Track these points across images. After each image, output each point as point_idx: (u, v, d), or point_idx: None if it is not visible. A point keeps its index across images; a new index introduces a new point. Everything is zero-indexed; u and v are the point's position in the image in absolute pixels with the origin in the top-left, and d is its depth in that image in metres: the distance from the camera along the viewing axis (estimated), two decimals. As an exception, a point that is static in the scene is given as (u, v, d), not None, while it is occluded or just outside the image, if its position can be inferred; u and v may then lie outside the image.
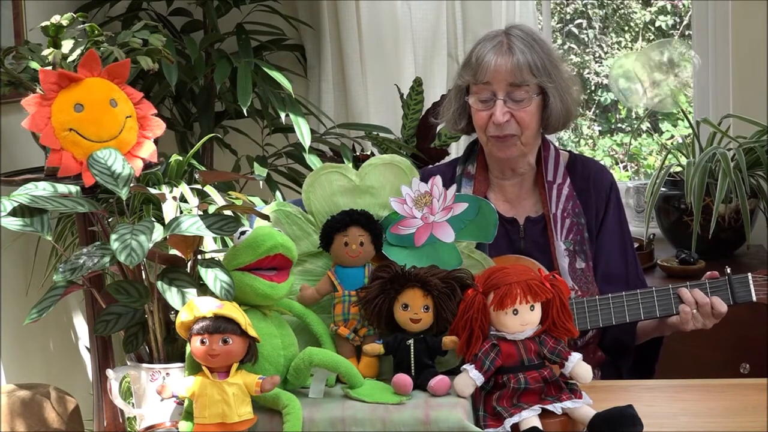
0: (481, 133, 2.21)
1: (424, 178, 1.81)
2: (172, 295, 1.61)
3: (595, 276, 2.21)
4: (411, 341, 1.66)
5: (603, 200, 2.26)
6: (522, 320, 1.62)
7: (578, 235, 2.21)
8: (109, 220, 1.97)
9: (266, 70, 2.87)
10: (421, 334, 1.67)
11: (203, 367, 1.54)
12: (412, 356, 1.65)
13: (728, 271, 2.06)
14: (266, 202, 2.52)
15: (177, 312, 1.58)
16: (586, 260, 2.20)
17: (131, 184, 1.71)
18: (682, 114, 3.72)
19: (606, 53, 5.18)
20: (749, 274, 2.04)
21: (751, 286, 2.03)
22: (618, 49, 5.18)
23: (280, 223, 1.82)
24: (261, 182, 2.84)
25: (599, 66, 5.19)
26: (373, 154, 3.08)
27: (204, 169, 2.87)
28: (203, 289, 1.62)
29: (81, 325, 3.05)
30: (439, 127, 3.12)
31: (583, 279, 2.18)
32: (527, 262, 2.07)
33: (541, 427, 1.57)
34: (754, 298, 2.03)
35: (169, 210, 2.37)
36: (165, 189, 2.46)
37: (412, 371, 1.64)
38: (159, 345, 1.71)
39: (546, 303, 1.63)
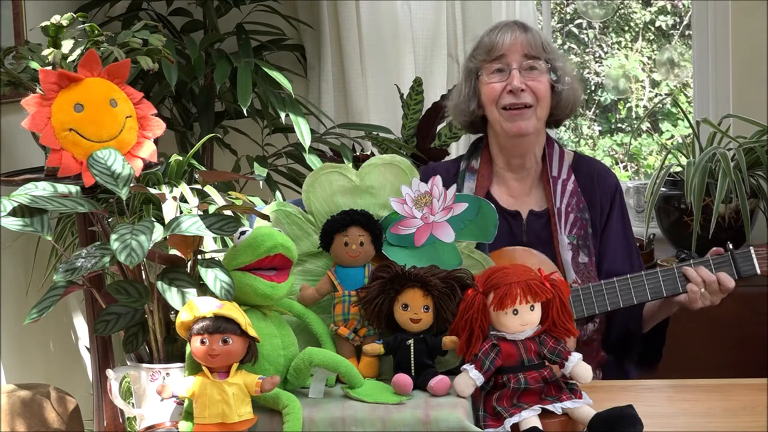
0: (492, 107, 2.20)
1: (428, 175, 1.81)
2: (172, 295, 1.61)
3: (600, 277, 2.20)
4: (411, 341, 1.66)
5: (608, 200, 2.27)
6: (522, 320, 1.62)
7: (582, 230, 2.21)
8: (109, 220, 1.98)
9: (266, 70, 2.87)
10: (421, 334, 1.67)
11: (203, 367, 1.54)
12: (412, 356, 1.65)
13: (730, 246, 2.06)
14: (266, 202, 2.52)
15: (177, 312, 1.58)
16: (589, 255, 2.20)
17: (131, 184, 1.71)
18: (682, 114, 3.72)
19: (606, 53, 5.18)
20: (751, 247, 2.05)
21: (754, 259, 2.04)
22: (618, 49, 5.18)
23: (280, 223, 1.82)
24: (261, 182, 2.84)
25: (599, 66, 5.19)
26: (373, 154, 3.08)
27: (204, 169, 2.87)
28: (203, 289, 1.62)
29: (81, 325, 3.05)
30: (439, 127, 3.13)
31: (586, 273, 2.18)
32: (529, 254, 2.07)
33: (541, 427, 1.57)
34: (758, 271, 2.04)
35: (169, 210, 2.37)
36: (165, 189, 2.46)
37: (412, 371, 1.64)
38: (159, 345, 1.71)
39: (546, 303, 1.63)
